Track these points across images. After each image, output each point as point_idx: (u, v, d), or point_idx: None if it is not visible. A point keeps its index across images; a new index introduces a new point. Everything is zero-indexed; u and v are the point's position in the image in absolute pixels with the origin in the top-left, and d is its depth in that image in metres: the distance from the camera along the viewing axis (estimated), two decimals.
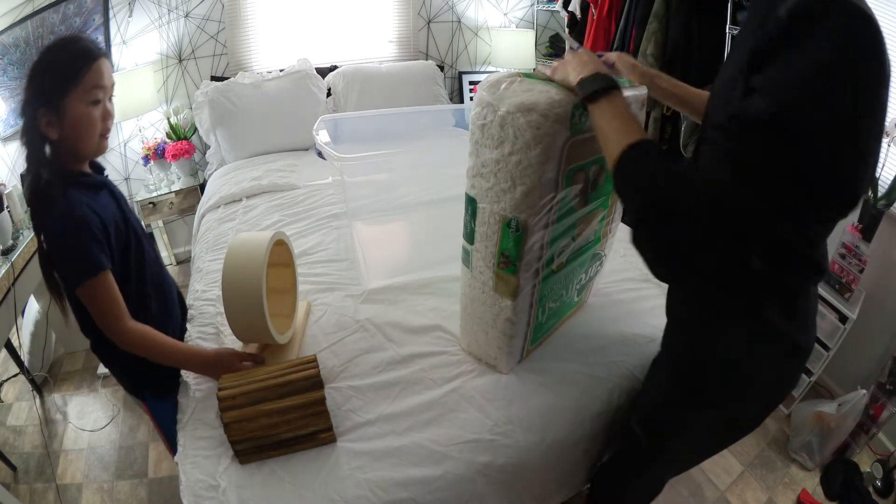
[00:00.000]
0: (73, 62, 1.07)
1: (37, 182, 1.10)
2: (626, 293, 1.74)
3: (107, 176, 1.28)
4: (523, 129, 1.01)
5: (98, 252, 1.10)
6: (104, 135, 1.16)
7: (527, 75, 1.09)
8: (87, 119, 1.10)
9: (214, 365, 1.25)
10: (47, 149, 1.11)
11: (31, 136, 1.09)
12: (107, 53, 1.17)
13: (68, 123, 1.09)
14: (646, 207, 0.77)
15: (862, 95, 0.67)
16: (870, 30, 0.66)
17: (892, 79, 0.70)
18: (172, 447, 1.41)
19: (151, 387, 1.40)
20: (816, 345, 2.14)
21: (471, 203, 1.19)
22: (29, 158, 1.11)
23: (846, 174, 0.69)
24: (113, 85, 1.16)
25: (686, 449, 1.19)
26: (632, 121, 0.88)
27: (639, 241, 0.80)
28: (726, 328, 0.95)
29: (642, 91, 1.22)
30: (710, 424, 1.08)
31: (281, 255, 1.51)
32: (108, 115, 1.15)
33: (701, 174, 0.72)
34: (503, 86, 1.05)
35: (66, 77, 1.06)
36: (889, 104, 0.71)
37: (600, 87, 0.91)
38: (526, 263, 1.17)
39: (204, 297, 1.68)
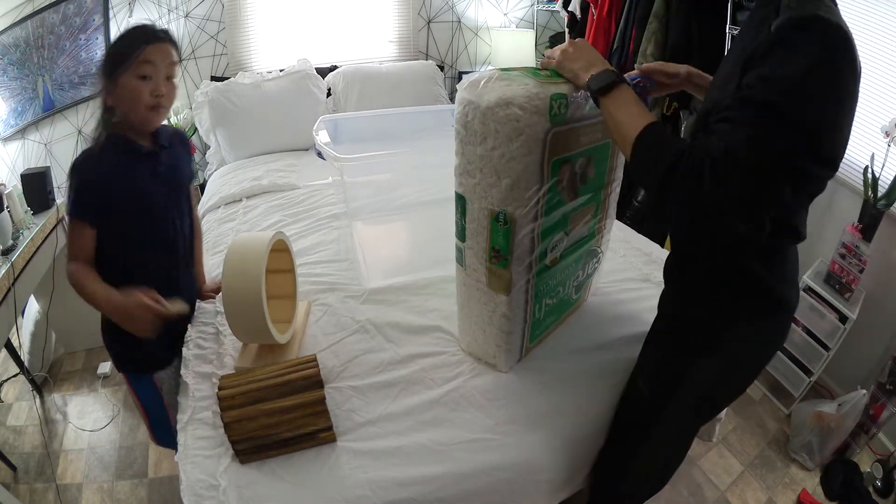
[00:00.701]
0: (129, 43, 1.25)
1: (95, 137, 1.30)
2: (626, 293, 1.74)
3: (164, 149, 1.39)
4: (503, 122, 1.05)
5: (80, 202, 1.25)
6: (153, 108, 1.29)
7: (504, 70, 1.11)
8: (134, 91, 1.25)
9: (121, 313, 1.23)
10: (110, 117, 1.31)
11: (100, 100, 1.30)
12: (169, 39, 1.32)
13: (118, 93, 1.25)
14: (671, 172, 0.85)
15: (838, 91, 0.82)
16: (845, 41, 0.82)
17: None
18: (152, 425, 1.60)
19: (126, 363, 1.49)
20: (816, 344, 2.16)
21: (460, 200, 1.23)
22: (99, 119, 1.30)
23: (825, 151, 0.84)
24: (171, 65, 1.31)
25: (686, 407, 1.23)
26: (644, 108, 0.98)
27: (663, 209, 0.92)
28: (713, 284, 1.07)
29: None
30: (707, 375, 1.14)
31: (281, 261, 1.51)
32: (158, 91, 1.28)
33: (718, 139, 0.83)
34: (482, 83, 1.08)
35: (122, 55, 1.25)
36: (862, 99, 0.88)
37: (612, 81, 0.99)
38: (517, 258, 1.19)
39: None
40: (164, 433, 1.55)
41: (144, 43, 1.26)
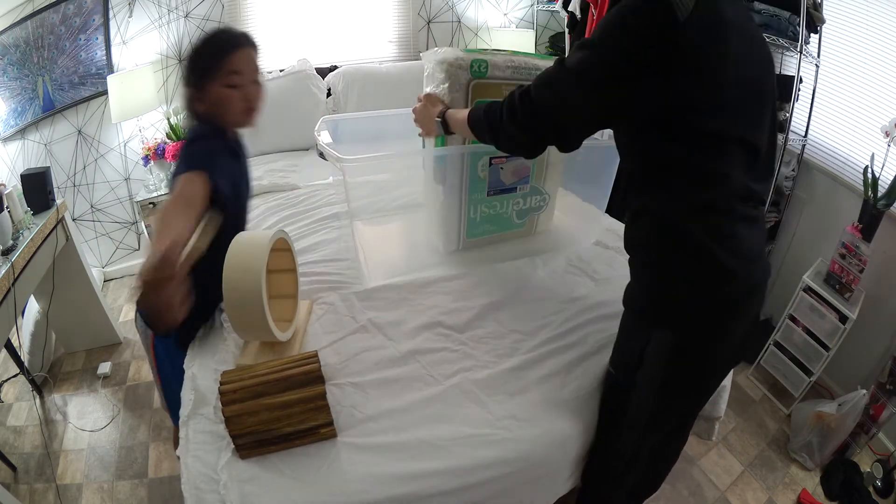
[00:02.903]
0: (212, 53, 1.31)
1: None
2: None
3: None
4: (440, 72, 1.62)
5: (205, 160, 1.24)
6: (248, 110, 1.38)
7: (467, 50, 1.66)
8: (225, 99, 1.32)
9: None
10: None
11: (187, 105, 1.37)
12: (250, 43, 1.36)
13: (210, 102, 1.32)
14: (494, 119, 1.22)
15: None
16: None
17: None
18: (165, 390, 1.60)
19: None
20: (816, 344, 2.16)
21: None
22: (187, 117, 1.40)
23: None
24: (256, 70, 1.38)
25: (651, 390, 1.22)
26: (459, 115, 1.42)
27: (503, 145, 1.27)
28: (659, 255, 1.10)
29: None
30: (663, 350, 1.14)
31: (283, 261, 1.51)
32: (249, 95, 1.36)
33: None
34: (439, 51, 1.66)
35: (207, 66, 1.31)
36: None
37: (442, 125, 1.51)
38: (450, 161, 1.73)
39: None
40: (174, 402, 1.44)
41: (229, 51, 1.31)
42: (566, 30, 3.34)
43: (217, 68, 1.30)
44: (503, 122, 1.18)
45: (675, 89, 0.95)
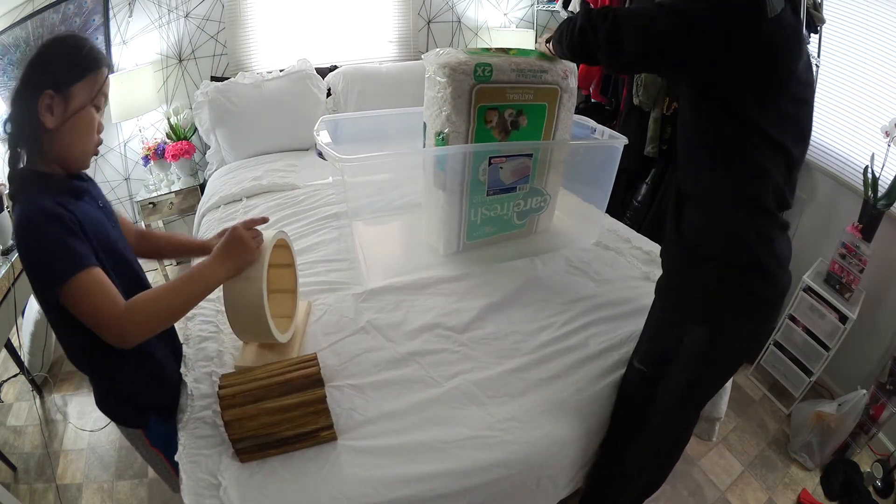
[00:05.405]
0: (89, 55, 1.01)
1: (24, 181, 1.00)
2: (627, 291, 1.75)
3: (89, 183, 1.13)
4: (442, 76, 1.62)
5: (74, 252, 0.93)
6: (97, 147, 1.08)
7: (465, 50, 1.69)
8: (88, 118, 1.02)
9: (233, 251, 1.14)
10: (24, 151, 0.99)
11: (22, 124, 0.97)
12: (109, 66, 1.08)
13: (68, 120, 0.98)
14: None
15: None
16: None
17: None
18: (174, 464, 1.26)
19: (158, 407, 1.27)
20: (816, 344, 2.15)
21: (424, 126, 1.79)
22: (11, 146, 0.99)
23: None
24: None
25: (677, 388, 1.26)
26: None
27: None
28: (713, 247, 1.13)
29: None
30: (703, 347, 1.17)
31: (282, 256, 1.51)
32: (101, 128, 1.08)
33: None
34: (440, 52, 1.67)
35: (82, 65, 1.00)
36: None
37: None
38: (451, 167, 1.71)
39: None
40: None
41: (103, 63, 1.04)
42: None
43: (92, 73, 1.01)
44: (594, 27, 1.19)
45: (737, 69, 0.99)
